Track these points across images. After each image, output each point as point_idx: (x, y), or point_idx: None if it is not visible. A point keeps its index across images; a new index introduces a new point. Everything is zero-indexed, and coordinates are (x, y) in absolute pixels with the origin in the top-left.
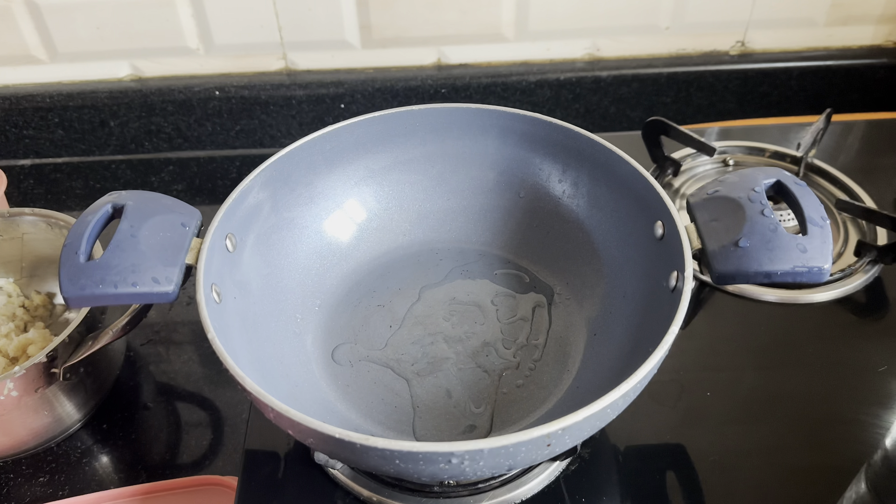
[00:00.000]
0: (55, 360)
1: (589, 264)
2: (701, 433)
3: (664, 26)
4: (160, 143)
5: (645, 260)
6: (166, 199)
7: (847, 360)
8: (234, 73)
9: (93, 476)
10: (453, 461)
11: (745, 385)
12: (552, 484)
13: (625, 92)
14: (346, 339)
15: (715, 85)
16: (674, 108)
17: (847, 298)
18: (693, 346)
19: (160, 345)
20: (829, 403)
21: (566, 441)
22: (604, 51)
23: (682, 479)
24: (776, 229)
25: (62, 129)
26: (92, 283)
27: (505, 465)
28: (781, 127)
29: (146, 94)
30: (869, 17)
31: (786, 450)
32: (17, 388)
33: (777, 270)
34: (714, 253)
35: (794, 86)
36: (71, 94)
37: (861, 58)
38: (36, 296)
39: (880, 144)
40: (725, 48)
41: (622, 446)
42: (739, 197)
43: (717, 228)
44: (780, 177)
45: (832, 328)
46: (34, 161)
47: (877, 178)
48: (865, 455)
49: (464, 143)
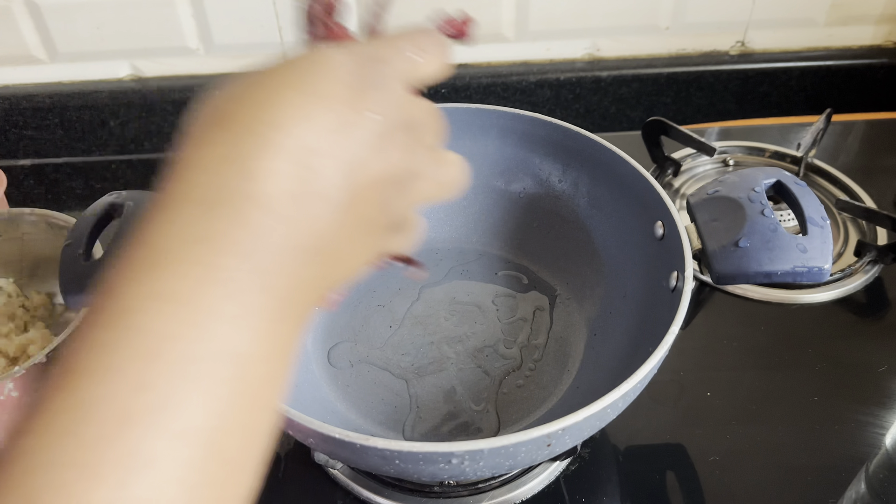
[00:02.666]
0: (56, 361)
1: (589, 264)
2: (701, 433)
3: (664, 26)
4: (160, 143)
5: (645, 260)
6: None
7: (847, 359)
8: (234, 73)
9: None
10: (453, 461)
11: (745, 385)
12: (552, 484)
13: (625, 92)
14: (345, 338)
15: (715, 85)
16: (674, 109)
17: (847, 298)
18: (693, 346)
19: None
20: (829, 403)
21: (566, 441)
22: (604, 51)
23: (682, 478)
24: (776, 229)
25: (62, 129)
26: (92, 283)
27: (505, 466)
28: (781, 127)
29: (146, 94)
30: (869, 17)
31: (786, 449)
32: (17, 389)
33: (777, 270)
34: (714, 253)
35: (793, 86)
36: (71, 94)
37: (861, 58)
38: (36, 296)
39: (880, 144)
40: (725, 48)
41: (622, 446)
42: (740, 197)
43: (717, 228)
44: (781, 177)
45: (832, 328)
46: (34, 161)
47: (877, 178)
48: (865, 455)
49: (464, 142)
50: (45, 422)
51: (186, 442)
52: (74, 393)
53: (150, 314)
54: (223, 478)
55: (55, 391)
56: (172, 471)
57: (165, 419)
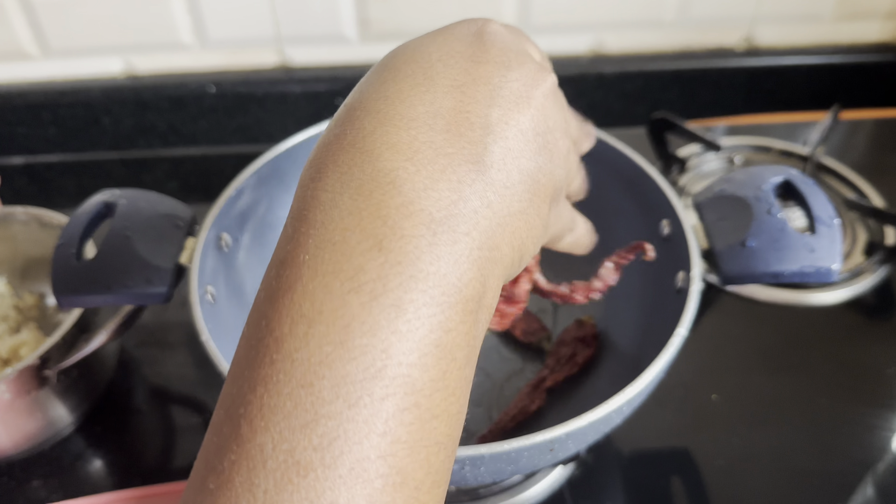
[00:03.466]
0: (48, 363)
1: (592, 264)
2: (707, 437)
3: (669, 21)
4: (154, 140)
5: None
6: (159, 197)
7: (855, 361)
8: (229, 68)
9: (86, 480)
10: (454, 467)
11: (752, 388)
12: (555, 490)
13: (629, 88)
14: None
15: (721, 81)
16: (679, 105)
17: (855, 299)
18: (698, 349)
19: (154, 347)
20: (837, 406)
21: (570, 446)
22: (608, 46)
23: (687, 483)
24: (784, 229)
25: (55, 127)
26: (84, 283)
27: (507, 471)
28: (788, 124)
29: (139, 91)
30: (876, 12)
31: (793, 453)
32: (8, 391)
33: (785, 271)
34: (721, 253)
35: (801, 82)
36: (64, 91)
37: (869, 54)
38: (28, 296)
39: (889, 142)
40: (731, 44)
41: (627, 450)
42: (747, 195)
43: (724, 228)
44: (788, 175)
45: (840, 329)
46: (26, 159)
47: (886, 177)
48: (874, 458)
49: None
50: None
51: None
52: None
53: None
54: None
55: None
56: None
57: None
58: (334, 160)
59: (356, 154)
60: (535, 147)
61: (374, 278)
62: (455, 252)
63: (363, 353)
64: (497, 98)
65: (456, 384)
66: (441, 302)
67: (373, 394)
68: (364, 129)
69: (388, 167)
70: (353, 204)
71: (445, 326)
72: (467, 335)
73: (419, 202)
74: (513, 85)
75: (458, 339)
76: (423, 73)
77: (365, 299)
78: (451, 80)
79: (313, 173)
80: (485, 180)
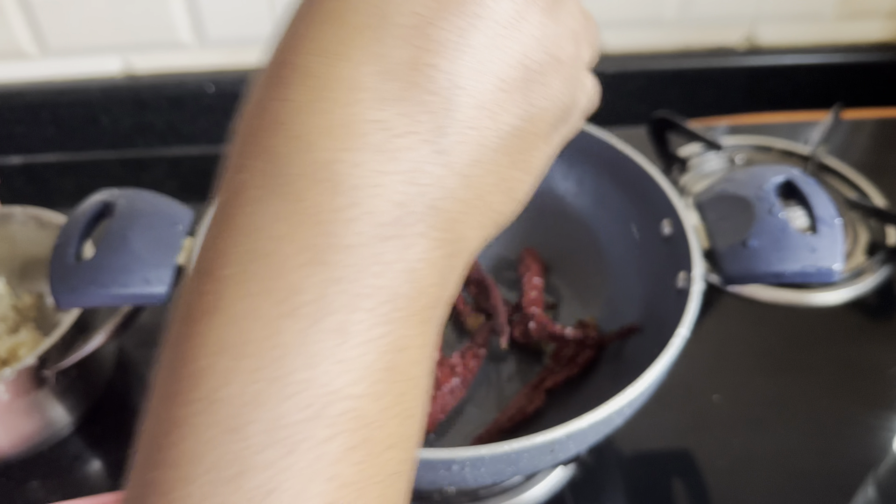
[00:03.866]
0: (46, 363)
1: (593, 264)
2: (708, 438)
3: (670, 19)
4: (152, 139)
5: (651, 260)
6: (158, 197)
7: (857, 362)
8: (228, 68)
9: (85, 480)
10: (454, 468)
11: (753, 389)
12: (556, 491)
13: (630, 87)
14: None
15: (722, 80)
16: (680, 104)
17: (857, 299)
18: (699, 349)
19: (153, 347)
20: (839, 407)
21: (570, 447)
22: (608, 45)
23: (689, 484)
24: (785, 229)
25: (53, 126)
26: (82, 283)
27: (507, 472)
28: (790, 123)
29: (138, 90)
30: (878, 11)
31: (794, 454)
32: (7, 392)
33: (786, 271)
34: (723, 253)
35: (802, 82)
36: (62, 90)
37: (871, 53)
38: (27, 296)
39: (891, 142)
40: (732, 43)
41: (628, 452)
42: (748, 195)
43: (725, 228)
44: (790, 174)
45: (841, 330)
46: (25, 158)
47: (887, 177)
48: (875, 459)
49: None
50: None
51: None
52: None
53: None
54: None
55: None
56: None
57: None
58: (258, 142)
59: (284, 139)
60: (521, 86)
61: (313, 299)
62: (408, 258)
63: (301, 389)
64: (473, 33)
65: (413, 404)
66: (393, 319)
67: (314, 436)
68: (292, 102)
69: (323, 158)
70: (284, 207)
71: (399, 345)
72: (424, 347)
73: (363, 203)
74: (502, 6)
75: (413, 355)
76: (371, 4)
77: (302, 325)
78: (410, 15)
79: (237, 157)
80: (448, 162)
